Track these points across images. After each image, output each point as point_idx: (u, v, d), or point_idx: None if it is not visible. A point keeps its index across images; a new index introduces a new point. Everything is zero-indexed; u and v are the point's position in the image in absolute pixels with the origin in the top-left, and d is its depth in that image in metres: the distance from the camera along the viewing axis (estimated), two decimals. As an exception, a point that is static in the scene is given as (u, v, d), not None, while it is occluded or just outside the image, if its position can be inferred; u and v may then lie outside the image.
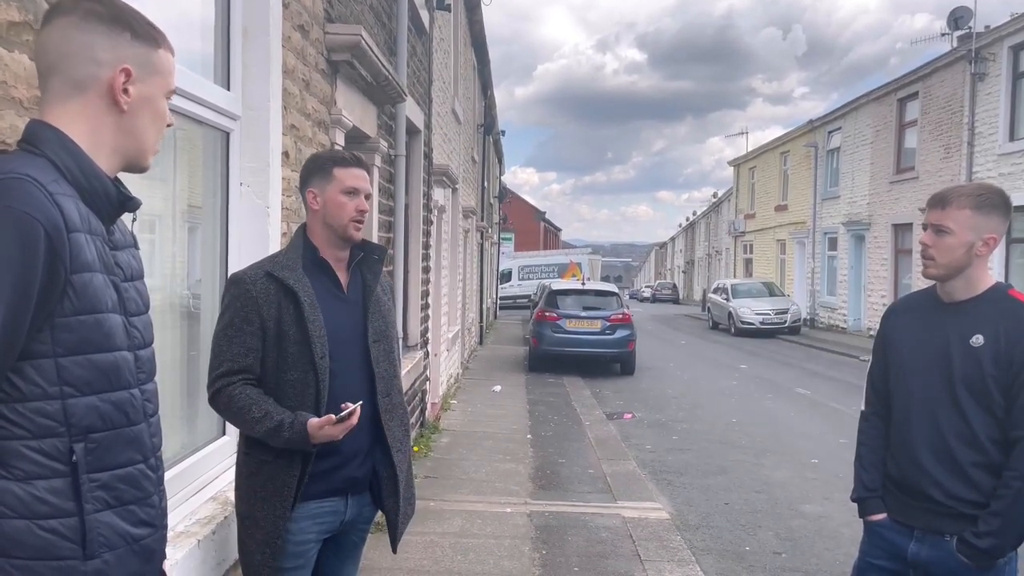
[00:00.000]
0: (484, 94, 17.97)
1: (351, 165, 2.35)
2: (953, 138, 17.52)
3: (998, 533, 2.24)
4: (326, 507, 2.34)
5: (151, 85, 1.42)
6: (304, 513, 2.28)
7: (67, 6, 1.37)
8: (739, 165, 35.47)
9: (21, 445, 1.26)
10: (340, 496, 2.36)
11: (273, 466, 2.23)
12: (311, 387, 2.23)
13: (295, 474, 2.22)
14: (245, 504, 2.29)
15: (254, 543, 2.26)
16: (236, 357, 2.22)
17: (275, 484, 2.22)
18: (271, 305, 2.22)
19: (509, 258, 38.52)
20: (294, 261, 2.30)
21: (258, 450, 2.26)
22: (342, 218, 2.31)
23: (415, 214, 7.52)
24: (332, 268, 2.36)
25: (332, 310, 2.30)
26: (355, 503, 2.41)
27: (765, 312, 22.44)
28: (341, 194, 2.31)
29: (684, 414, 10.44)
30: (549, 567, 4.74)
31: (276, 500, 2.22)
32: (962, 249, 2.30)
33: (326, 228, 2.33)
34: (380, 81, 4.85)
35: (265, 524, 2.23)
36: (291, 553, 2.28)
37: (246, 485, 2.30)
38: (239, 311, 2.23)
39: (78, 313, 1.29)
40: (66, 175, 1.32)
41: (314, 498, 2.29)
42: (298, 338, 2.22)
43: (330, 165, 2.34)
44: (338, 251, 2.37)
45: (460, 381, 12.27)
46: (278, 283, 2.24)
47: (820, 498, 6.56)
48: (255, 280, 2.25)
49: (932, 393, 2.35)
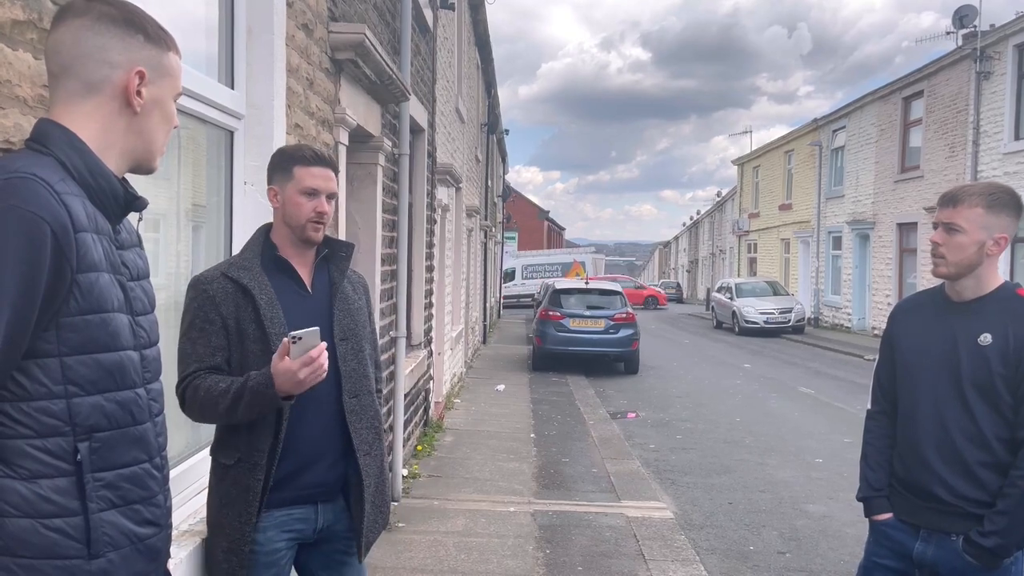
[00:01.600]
0: (488, 93, 17.97)
1: (312, 164, 2.25)
2: (958, 137, 17.47)
3: (1004, 532, 2.23)
4: (294, 514, 2.27)
5: (162, 87, 1.44)
6: (270, 522, 2.22)
7: (80, 8, 1.37)
8: (743, 164, 35.41)
9: (26, 444, 1.26)
10: (309, 504, 2.28)
11: (236, 470, 2.17)
12: None
13: (259, 477, 2.15)
14: (213, 512, 2.23)
15: (220, 552, 2.19)
16: (203, 357, 2.16)
17: (239, 488, 2.16)
18: (228, 304, 2.17)
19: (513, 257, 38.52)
20: (250, 260, 2.24)
21: (222, 455, 2.21)
22: (299, 219, 2.24)
23: (419, 213, 7.52)
24: (292, 267, 2.29)
25: (294, 309, 2.23)
26: (327, 510, 2.33)
27: (769, 311, 22.40)
28: (299, 194, 2.23)
29: (688, 413, 10.43)
30: (553, 566, 4.74)
31: (241, 506, 2.16)
32: (973, 248, 2.29)
33: (285, 227, 2.27)
34: (384, 80, 4.85)
35: (231, 531, 2.17)
36: (262, 564, 2.21)
37: (213, 491, 2.24)
38: (199, 312, 2.18)
39: (84, 312, 1.30)
40: (73, 174, 1.32)
41: (279, 506, 2.23)
42: (258, 336, 2.17)
43: (290, 163, 2.26)
44: (299, 250, 2.30)
45: (464, 380, 12.28)
46: (234, 283, 2.19)
47: (824, 498, 6.55)
48: (211, 280, 2.20)
49: (940, 392, 2.35)
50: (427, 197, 7.84)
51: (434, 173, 8.35)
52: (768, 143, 32.21)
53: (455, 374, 11.34)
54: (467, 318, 13.96)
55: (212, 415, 2.15)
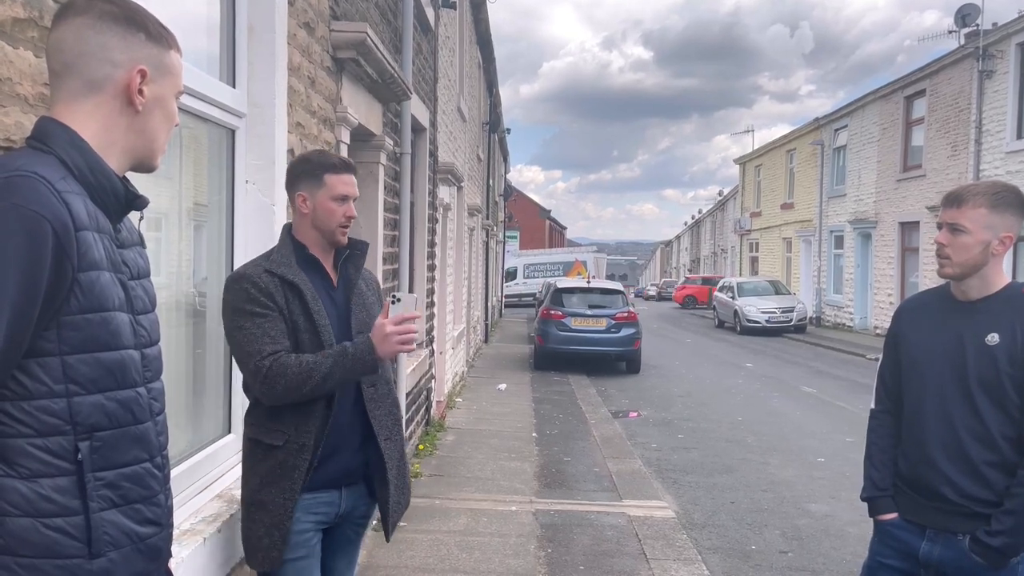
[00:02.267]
0: (489, 92, 17.96)
1: (342, 171, 2.39)
2: (960, 136, 17.45)
3: (1011, 532, 2.22)
4: (320, 498, 2.37)
5: (164, 86, 1.44)
6: (300, 506, 2.32)
7: (81, 6, 1.37)
8: (745, 163, 35.38)
9: (26, 443, 1.26)
10: (334, 488, 2.40)
11: (283, 451, 2.28)
12: None
13: (306, 457, 2.27)
14: (252, 490, 2.33)
15: (262, 527, 2.29)
16: (277, 339, 2.25)
17: (284, 468, 2.27)
18: (279, 296, 2.29)
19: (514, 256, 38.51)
20: (287, 258, 2.36)
21: (267, 436, 2.31)
22: (331, 224, 2.37)
23: (420, 212, 7.52)
24: (322, 264, 2.43)
25: (325, 304, 2.37)
26: (349, 495, 2.45)
27: (771, 310, 22.39)
28: (331, 200, 2.36)
29: (690, 413, 10.42)
30: (555, 565, 4.74)
31: (285, 483, 2.27)
32: (978, 248, 2.28)
33: (314, 231, 2.39)
34: (385, 79, 4.84)
35: (273, 508, 2.27)
36: (293, 543, 2.31)
37: (252, 471, 2.33)
38: (255, 302, 2.26)
39: (85, 311, 1.29)
40: (74, 172, 1.32)
41: (308, 490, 2.33)
42: (308, 327, 2.30)
43: (321, 171, 2.38)
44: (326, 250, 2.44)
45: (465, 379, 12.27)
46: (279, 278, 2.30)
47: (827, 497, 6.54)
48: (259, 275, 2.30)
49: (946, 391, 2.34)
50: (429, 196, 7.83)
51: (436, 172, 8.34)
52: (770, 142, 32.19)
53: (457, 373, 11.33)
54: (469, 317, 13.96)
55: (299, 388, 2.22)
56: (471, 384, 11.97)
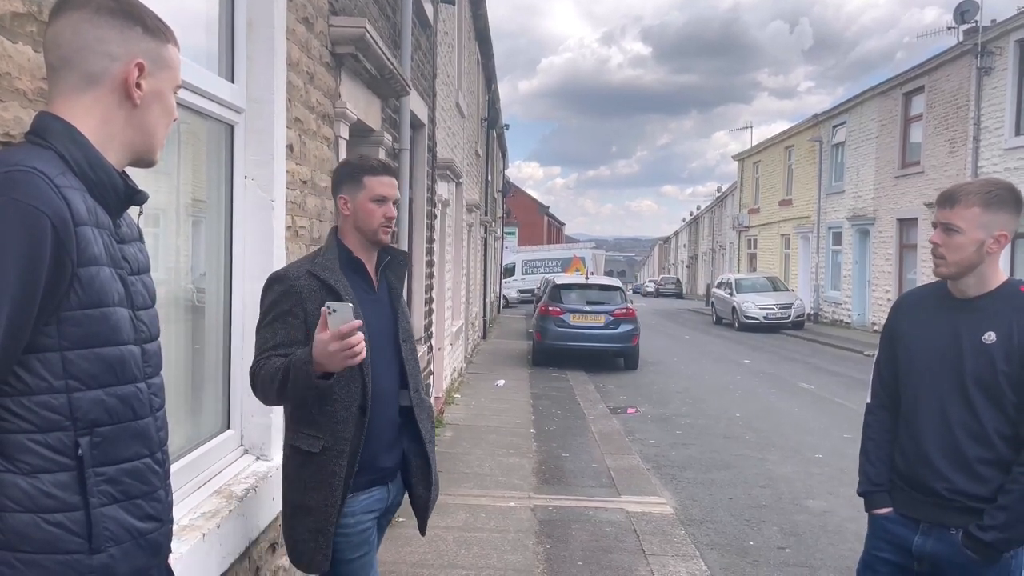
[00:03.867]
0: (488, 88, 17.94)
1: (380, 173, 2.47)
2: (959, 132, 17.45)
3: (1004, 527, 2.23)
4: (374, 495, 2.49)
5: (161, 80, 1.43)
6: (358, 507, 2.42)
7: (78, 0, 1.37)
8: (743, 159, 35.38)
9: (27, 439, 1.26)
10: (382, 485, 2.52)
11: (322, 457, 2.34)
12: (356, 381, 2.34)
13: (344, 464, 2.33)
14: (296, 494, 2.39)
15: (307, 531, 2.36)
16: (278, 346, 2.32)
17: (324, 474, 2.33)
18: (314, 301, 2.32)
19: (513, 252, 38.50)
20: (332, 261, 2.42)
21: (305, 443, 2.36)
22: (371, 224, 2.44)
23: (419, 208, 7.51)
24: (365, 267, 2.50)
25: (367, 308, 2.42)
26: (392, 489, 2.58)
27: (769, 307, 22.40)
28: (370, 201, 2.44)
29: (688, 409, 10.44)
30: (553, 561, 4.75)
31: (327, 489, 2.33)
32: (972, 247, 2.28)
33: (356, 232, 2.47)
34: (384, 74, 4.83)
35: (317, 512, 2.34)
36: (356, 543, 2.43)
37: (295, 476, 2.40)
38: (283, 305, 2.34)
39: (84, 307, 1.29)
40: (73, 167, 1.32)
41: (362, 489, 2.43)
42: None
43: (360, 173, 2.46)
44: (368, 253, 2.51)
45: (464, 375, 12.28)
46: (320, 282, 2.36)
47: (824, 493, 6.56)
48: (298, 277, 2.36)
49: (942, 388, 2.35)
50: (427, 192, 7.83)
51: (434, 168, 8.34)
52: (769, 138, 32.18)
53: (455, 369, 11.34)
54: (467, 313, 13.96)
55: (271, 395, 2.31)
56: (469, 380, 11.98)
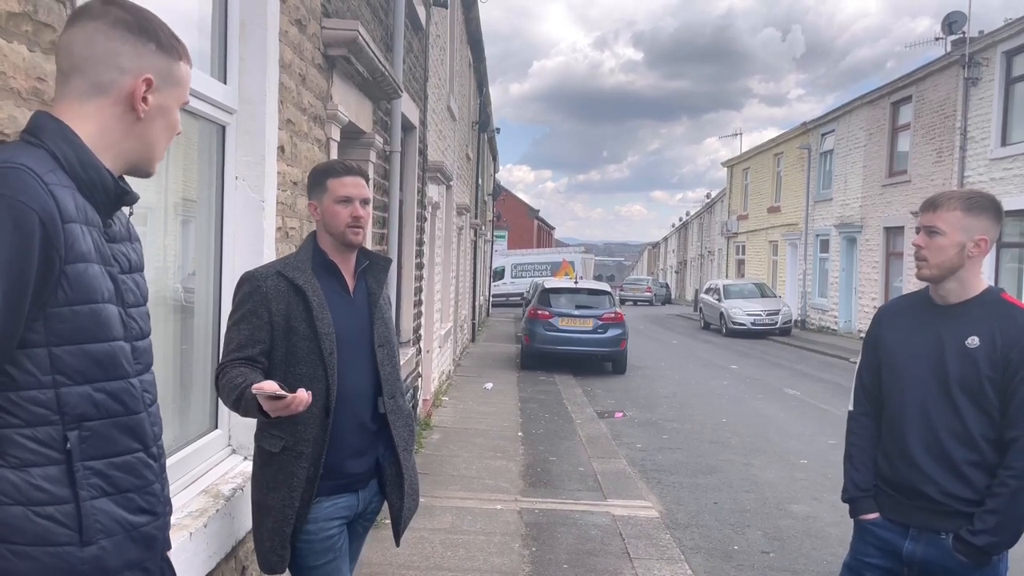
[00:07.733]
0: (479, 91, 17.96)
1: (342, 174, 2.47)
2: (945, 142, 17.60)
3: (994, 531, 2.27)
4: (340, 503, 2.46)
5: (169, 96, 1.46)
6: (320, 513, 2.40)
7: (96, 11, 1.39)
8: (733, 166, 35.54)
9: (16, 433, 1.27)
10: (351, 492, 2.49)
11: (282, 457, 2.35)
12: (320, 381, 2.34)
13: (304, 466, 2.33)
14: (258, 493, 2.42)
15: (266, 530, 2.38)
16: (243, 346, 2.34)
17: (283, 474, 2.34)
18: (280, 301, 2.35)
19: (502, 256, 38.51)
20: (304, 262, 2.44)
21: (266, 442, 2.39)
22: (338, 225, 2.44)
23: (409, 211, 7.52)
24: (339, 270, 2.50)
25: (340, 311, 2.43)
26: (364, 495, 2.55)
27: (756, 313, 22.50)
28: (335, 203, 2.44)
29: (675, 413, 10.48)
30: (539, 564, 4.76)
31: (285, 489, 2.34)
32: (953, 250, 2.34)
33: (328, 235, 2.49)
34: (376, 77, 4.85)
35: (275, 512, 2.35)
36: (319, 550, 2.42)
37: (259, 475, 2.43)
38: (248, 305, 2.36)
39: (72, 303, 1.30)
40: (64, 166, 1.33)
41: (328, 494, 2.42)
42: (307, 334, 2.35)
43: (323, 177, 2.48)
44: (343, 256, 2.51)
45: (452, 378, 12.28)
46: (288, 282, 2.37)
47: (808, 498, 6.60)
48: (265, 277, 2.38)
49: (927, 394, 2.39)
50: (418, 195, 7.84)
51: (425, 171, 8.35)
52: (758, 145, 32.33)
53: (443, 372, 11.34)
54: (456, 316, 13.96)
55: (228, 406, 2.32)
56: (458, 383, 11.98)
